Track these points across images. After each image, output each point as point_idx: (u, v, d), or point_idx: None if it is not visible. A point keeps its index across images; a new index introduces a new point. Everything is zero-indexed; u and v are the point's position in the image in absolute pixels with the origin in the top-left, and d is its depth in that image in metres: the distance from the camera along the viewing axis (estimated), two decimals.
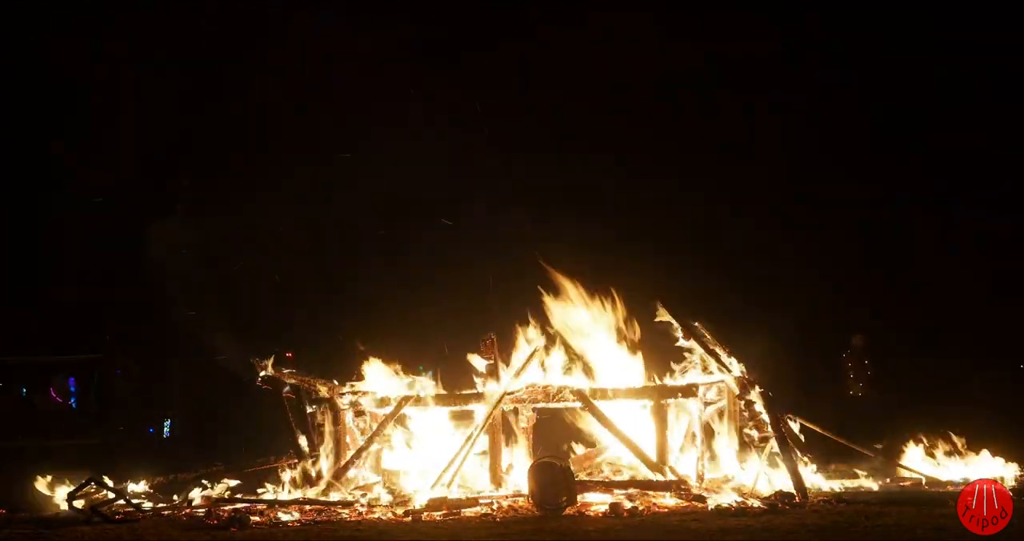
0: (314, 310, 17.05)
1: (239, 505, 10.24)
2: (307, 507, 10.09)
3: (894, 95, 17.18)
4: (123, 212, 16.92)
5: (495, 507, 9.72)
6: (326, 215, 17.60)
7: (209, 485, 11.05)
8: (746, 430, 10.91)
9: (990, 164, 16.60)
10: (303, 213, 17.30)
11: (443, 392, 11.31)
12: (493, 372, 11.06)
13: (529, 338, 11.16)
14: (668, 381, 11.07)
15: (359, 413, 11.59)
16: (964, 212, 16.70)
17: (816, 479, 10.98)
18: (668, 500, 9.85)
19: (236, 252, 16.71)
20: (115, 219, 17.02)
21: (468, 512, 9.61)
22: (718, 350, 11.07)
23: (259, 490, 11.04)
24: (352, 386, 11.53)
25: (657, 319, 11.21)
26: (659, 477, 10.22)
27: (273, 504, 10.24)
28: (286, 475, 11.32)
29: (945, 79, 16.92)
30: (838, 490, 10.74)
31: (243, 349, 12.41)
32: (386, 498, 10.26)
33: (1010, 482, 10.42)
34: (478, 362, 11.16)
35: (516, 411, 11.17)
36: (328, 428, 11.38)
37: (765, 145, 17.54)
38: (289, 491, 10.99)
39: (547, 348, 11.16)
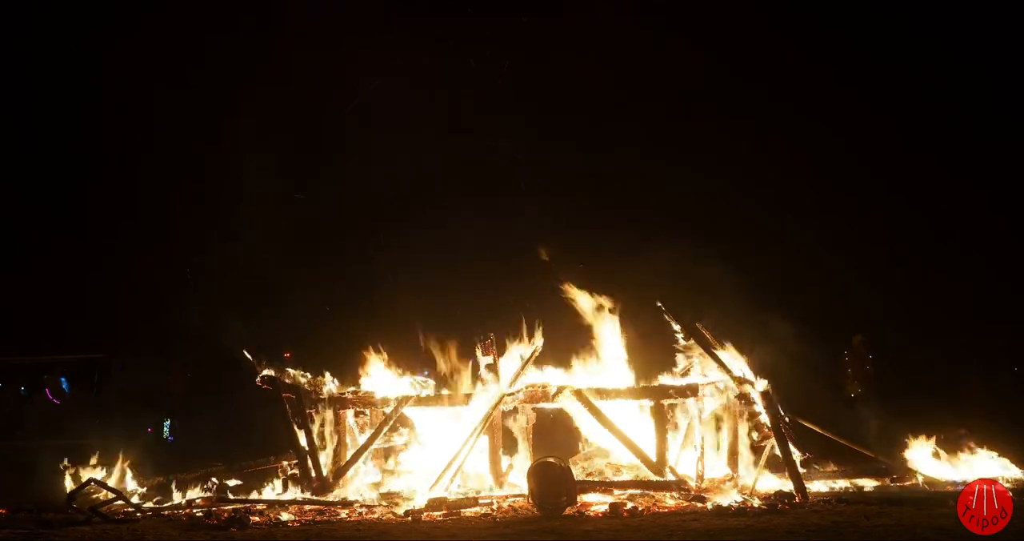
0: (312, 309, 17.04)
1: (239, 505, 10.23)
2: (307, 507, 10.09)
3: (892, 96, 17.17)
4: (122, 211, 16.94)
5: (495, 507, 9.73)
6: (325, 212, 17.60)
7: (208, 485, 11.03)
8: (746, 430, 10.90)
9: (991, 165, 16.61)
10: (302, 210, 17.31)
11: (443, 392, 11.30)
12: (493, 372, 11.06)
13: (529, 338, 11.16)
14: (668, 381, 11.06)
15: (359, 413, 11.59)
16: (964, 212, 16.69)
17: (816, 478, 10.97)
18: (668, 500, 9.86)
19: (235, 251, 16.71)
20: (114, 219, 17.05)
21: (468, 512, 9.62)
22: (718, 350, 11.06)
23: (259, 490, 11.03)
24: (352, 386, 11.52)
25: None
26: (659, 477, 10.21)
27: (273, 504, 10.23)
28: (286, 475, 11.31)
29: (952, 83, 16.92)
30: (838, 490, 10.73)
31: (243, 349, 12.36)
32: (386, 498, 10.25)
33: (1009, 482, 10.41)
34: (478, 362, 11.16)
35: (516, 411, 11.17)
36: (328, 428, 11.36)
37: (767, 143, 17.55)
38: (289, 491, 10.99)
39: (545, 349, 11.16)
